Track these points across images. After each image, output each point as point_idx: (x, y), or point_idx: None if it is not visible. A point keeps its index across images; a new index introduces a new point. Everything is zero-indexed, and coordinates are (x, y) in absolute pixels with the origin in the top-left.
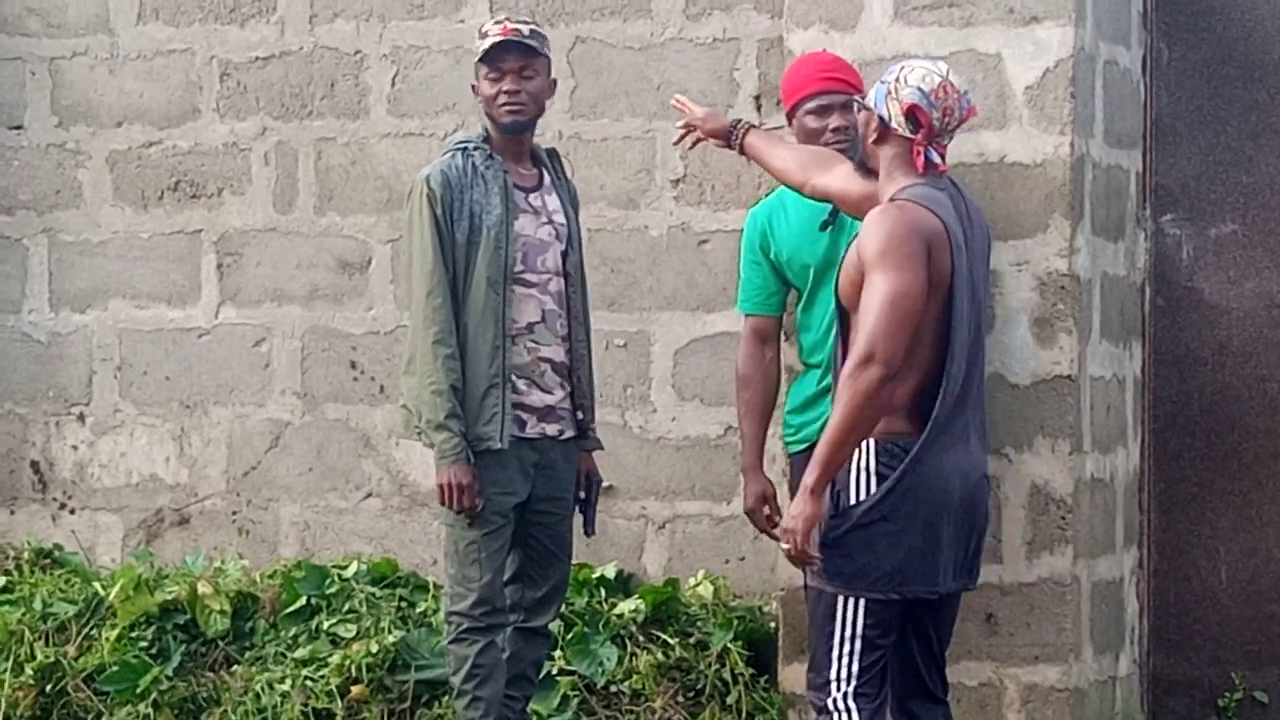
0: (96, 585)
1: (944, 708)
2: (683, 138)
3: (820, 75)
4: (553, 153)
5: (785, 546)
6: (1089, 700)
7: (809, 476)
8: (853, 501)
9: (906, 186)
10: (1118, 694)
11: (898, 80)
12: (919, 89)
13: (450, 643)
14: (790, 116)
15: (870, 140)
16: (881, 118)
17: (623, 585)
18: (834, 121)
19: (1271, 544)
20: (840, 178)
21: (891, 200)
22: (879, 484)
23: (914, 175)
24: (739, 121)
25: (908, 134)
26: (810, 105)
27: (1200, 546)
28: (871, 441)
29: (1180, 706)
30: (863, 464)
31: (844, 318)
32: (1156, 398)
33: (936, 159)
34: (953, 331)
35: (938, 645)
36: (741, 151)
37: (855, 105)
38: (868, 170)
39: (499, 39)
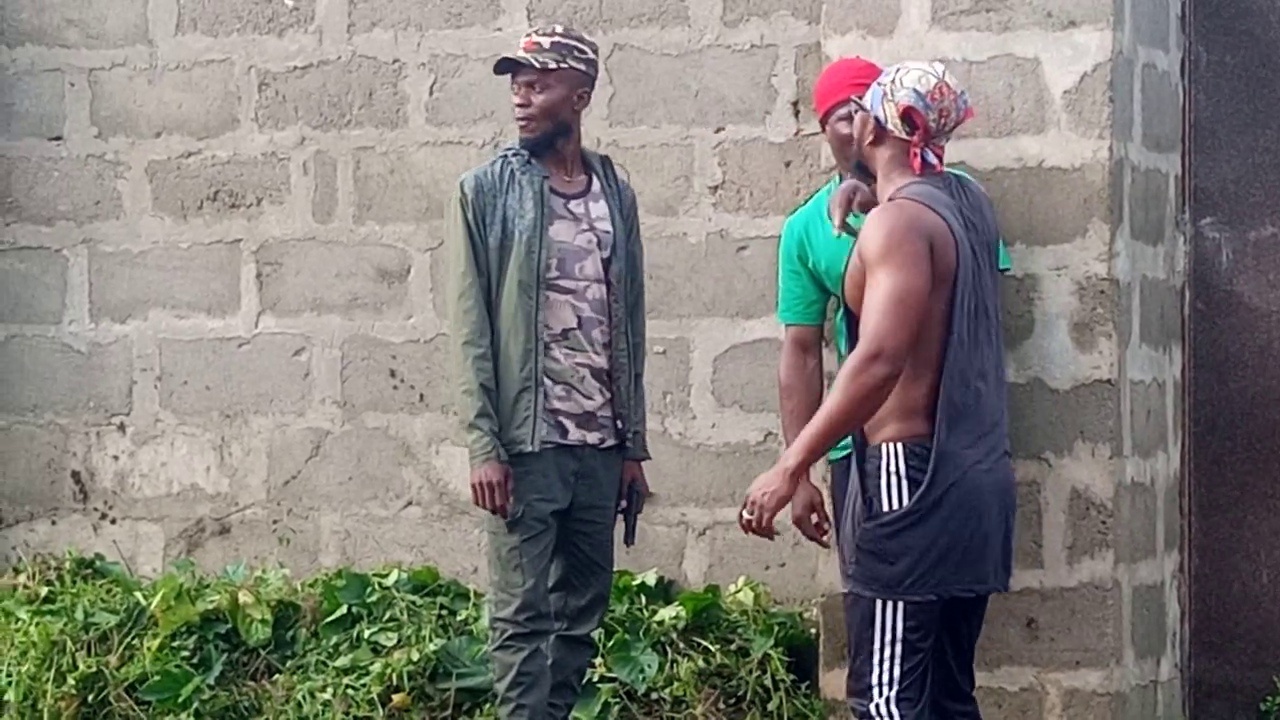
0: (138, 595)
1: (972, 704)
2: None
3: (851, 81)
4: (606, 160)
5: (748, 516)
6: (1130, 705)
7: (791, 459)
8: (886, 507)
9: (904, 185)
10: (1159, 698)
11: (893, 82)
12: (915, 90)
13: (495, 649)
14: (823, 123)
15: (867, 142)
16: (878, 119)
17: (663, 592)
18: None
19: None
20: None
21: (890, 199)
22: (911, 487)
23: (910, 175)
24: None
25: (904, 136)
26: (842, 112)
27: (1241, 550)
28: (899, 445)
29: (1222, 710)
30: (893, 468)
31: (852, 321)
32: (1197, 401)
33: (933, 159)
34: (953, 325)
35: (968, 644)
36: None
37: (853, 106)
38: (865, 172)
39: (510, 54)
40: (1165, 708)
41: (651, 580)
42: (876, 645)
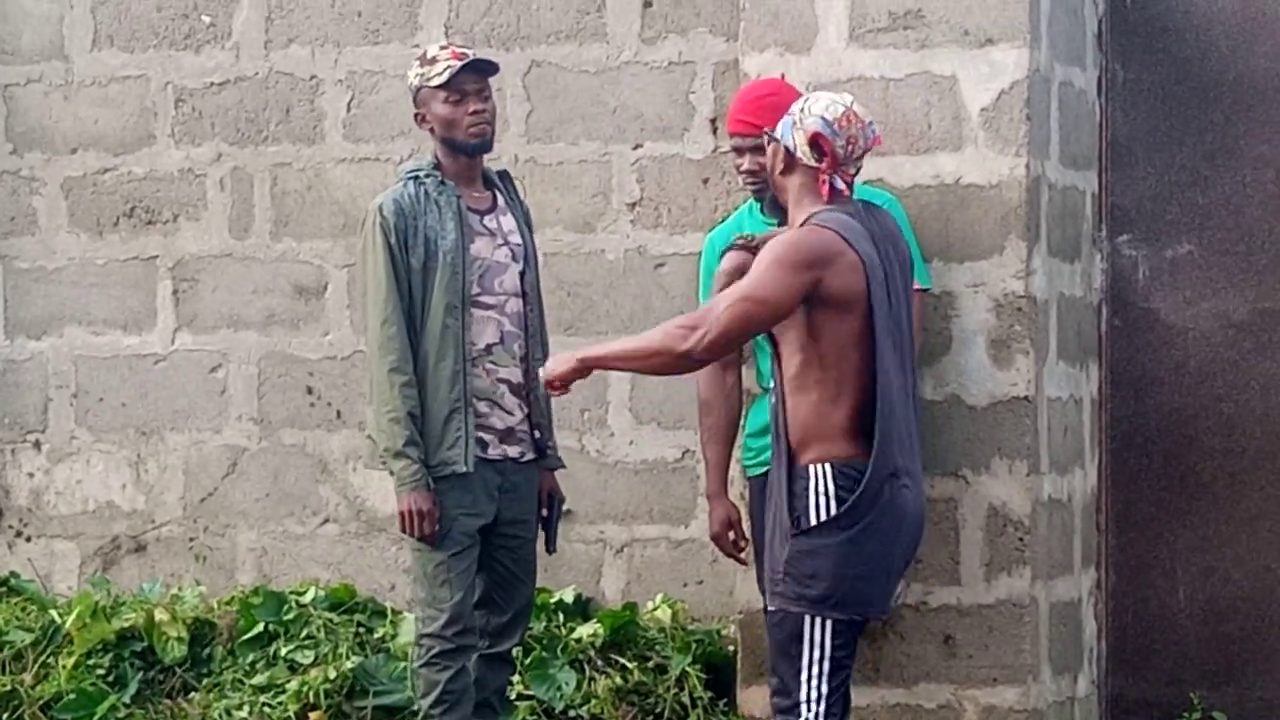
0: (53, 613)
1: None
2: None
3: (734, 116)
4: (504, 175)
5: (544, 376)
6: None
7: (590, 352)
8: (814, 523)
9: (817, 212)
10: (1076, 715)
11: (802, 111)
12: (822, 118)
13: (420, 666)
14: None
15: (778, 171)
16: (787, 148)
17: (581, 609)
18: (744, 164)
19: (1229, 564)
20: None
21: (805, 223)
22: (839, 506)
23: (821, 202)
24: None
25: (812, 163)
26: (731, 143)
27: (1158, 567)
28: (828, 466)
29: None
30: (821, 488)
31: (772, 340)
32: (1113, 418)
33: (842, 186)
34: (878, 349)
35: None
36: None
37: (765, 138)
38: (777, 205)
39: (459, 63)
40: None
41: (569, 598)
42: (805, 662)
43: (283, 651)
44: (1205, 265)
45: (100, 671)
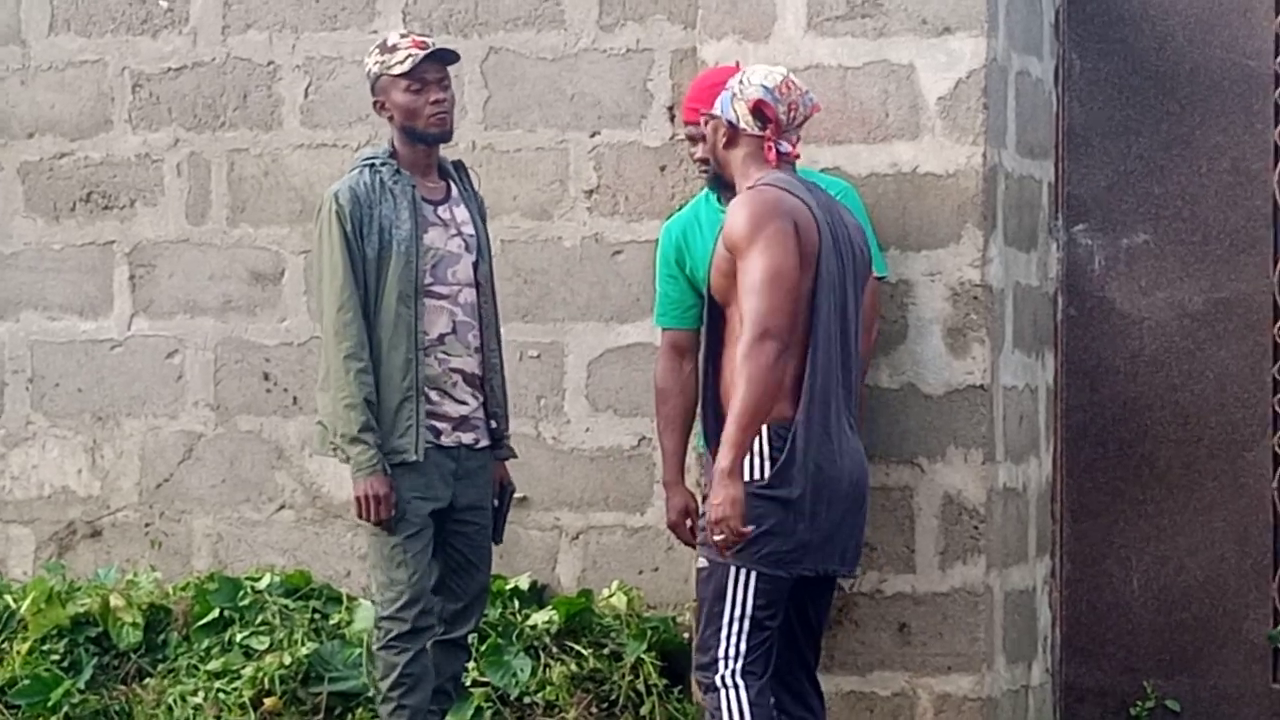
0: (8, 598)
1: (815, 681)
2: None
3: (688, 104)
4: (460, 165)
5: (719, 537)
6: (1002, 710)
7: (724, 460)
8: (747, 478)
9: (762, 177)
10: (1030, 703)
11: (741, 83)
12: (763, 86)
13: (379, 649)
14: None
15: (721, 146)
16: (730, 121)
17: (536, 596)
18: (699, 152)
19: (1183, 553)
20: None
21: (749, 189)
22: (772, 466)
23: (767, 169)
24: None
25: (756, 131)
26: (685, 131)
27: (1112, 556)
28: (764, 428)
29: (1093, 715)
30: (757, 448)
31: (714, 311)
32: (1069, 407)
33: (787, 148)
34: (818, 308)
35: (816, 623)
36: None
37: (703, 118)
38: (722, 182)
39: (421, 52)
40: (1036, 712)
41: (525, 584)
42: (725, 619)
43: (238, 637)
44: (1161, 255)
45: (55, 657)
